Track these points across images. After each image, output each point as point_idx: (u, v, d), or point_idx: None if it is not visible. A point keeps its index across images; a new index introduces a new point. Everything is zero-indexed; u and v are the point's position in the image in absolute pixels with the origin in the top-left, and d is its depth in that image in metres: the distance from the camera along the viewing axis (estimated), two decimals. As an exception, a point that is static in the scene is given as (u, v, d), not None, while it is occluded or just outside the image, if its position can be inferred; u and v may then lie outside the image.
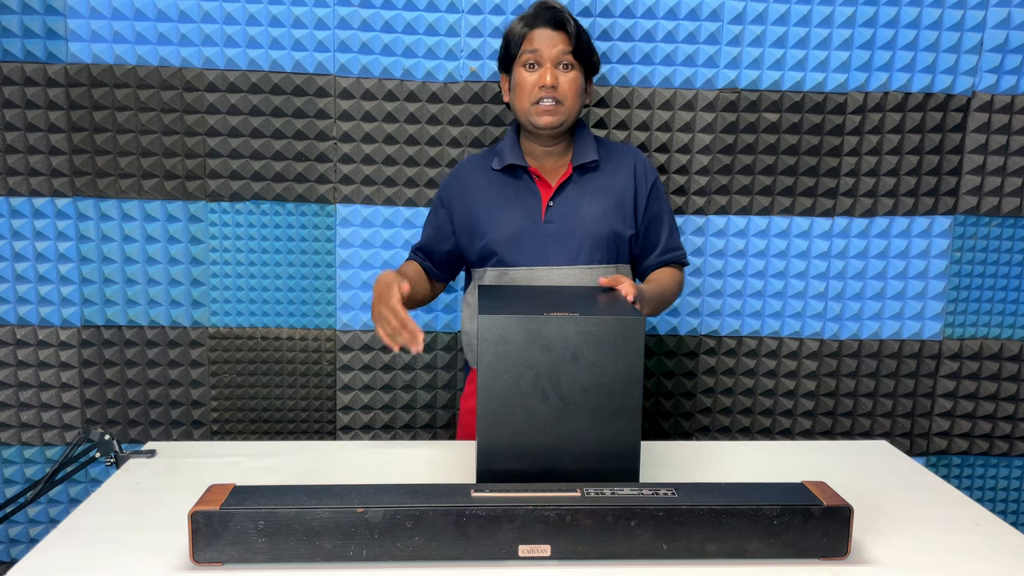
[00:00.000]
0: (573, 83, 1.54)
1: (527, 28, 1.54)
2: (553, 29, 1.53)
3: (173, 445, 1.42)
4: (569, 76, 1.54)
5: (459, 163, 1.72)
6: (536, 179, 1.61)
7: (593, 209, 1.58)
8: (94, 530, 1.08)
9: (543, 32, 1.53)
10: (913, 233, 2.10)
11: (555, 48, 1.52)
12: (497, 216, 1.59)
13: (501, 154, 1.62)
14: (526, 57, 1.54)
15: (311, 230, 2.05)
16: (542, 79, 1.52)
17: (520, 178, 1.62)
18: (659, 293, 1.57)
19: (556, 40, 1.52)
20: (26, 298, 2.01)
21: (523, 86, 1.55)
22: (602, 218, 1.58)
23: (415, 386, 2.14)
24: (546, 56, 1.53)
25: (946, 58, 2.01)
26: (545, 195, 1.59)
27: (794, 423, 2.19)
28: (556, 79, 1.52)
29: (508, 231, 1.57)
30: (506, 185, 1.61)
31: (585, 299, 1.27)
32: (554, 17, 1.53)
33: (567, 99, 1.54)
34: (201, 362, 2.09)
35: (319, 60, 1.96)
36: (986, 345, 2.17)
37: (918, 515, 1.17)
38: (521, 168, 1.61)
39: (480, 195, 1.62)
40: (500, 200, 1.60)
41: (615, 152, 1.65)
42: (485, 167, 1.65)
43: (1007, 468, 2.24)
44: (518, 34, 1.55)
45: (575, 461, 1.13)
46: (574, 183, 1.60)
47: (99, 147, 1.97)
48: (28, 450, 2.07)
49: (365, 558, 0.98)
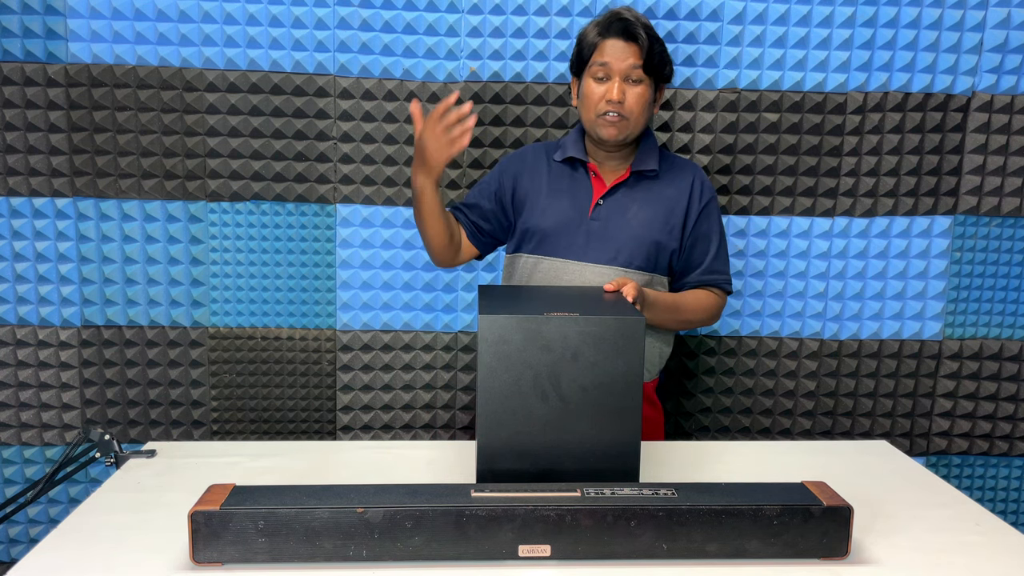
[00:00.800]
0: (640, 98, 1.52)
1: (599, 37, 1.52)
2: (625, 41, 1.50)
3: (173, 445, 1.42)
4: (637, 91, 1.52)
5: (524, 146, 1.74)
6: (592, 175, 1.61)
7: (640, 215, 1.58)
8: (94, 530, 1.08)
9: (614, 43, 1.51)
10: (913, 233, 2.10)
11: (625, 62, 1.50)
12: (546, 202, 1.60)
13: (564, 147, 1.63)
14: (595, 68, 1.52)
15: (311, 230, 2.05)
16: (609, 93, 1.51)
17: (577, 171, 1.62)
18: (670, 303, 1.54)
19: (627, 53, 1.50)
20: (26, 298, 2.01)
21: (590, 97, 1.54)
22: (648, 225, 1.58)
23: (415, 386, 2.14)
24: (615, 69, 1.51)
25: (946, 58, 2.01)
26: (598, 192, 1.59)
27: (794, 423, 2.19)
28: (623, 94, 1.51)
29: (553, 219, 1.58)
30: (562, 176, 1.62)
31: (585, 299, 1.27)
32: (626, 28, 1.50)
33: (633, 114, 1.53)
34: (201, 362, 2.09)
35: (319, 60, 1.96)
36: (986, 345, 2.16)
37: (918, 515, 1.17)
38: (580, 162, 1.62)
39: (536, 178, 1.63)
40: (553, 188, 1.61)
41: (676, 165, 1.65)
42: (547, 156, 1.66)
43: (1007, 468, 2.24)
44: (590, 42, 1.53)
45: (575, 461, 1.13)
46: (628, 187, 1.60)
47: (99, 147, 1.97)
48: (28, 450, 2.07)
49: (365, 558, 0.98)
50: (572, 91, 1.64)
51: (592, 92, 1.54)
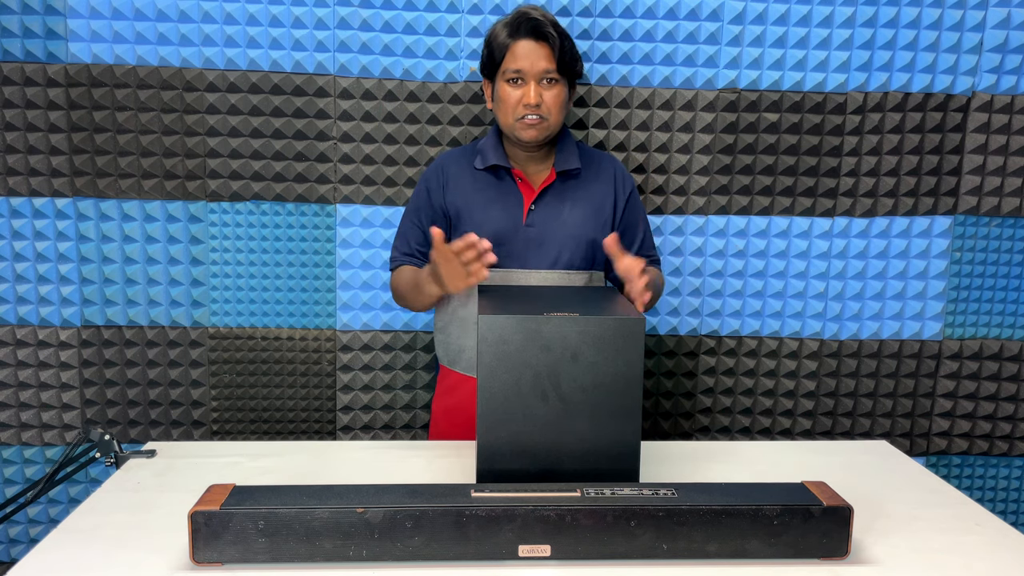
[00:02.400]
0: (557, 98, 1.53)
1: (509, 39, 1.52)
2: (536, 41, 1.51)
3: (173, 445, 1.42)
4: (553, 92, 1.53)
5: (439, 157, 1.70)
6: (519, 181, 1.61)
7: (574, 215, 1.60)
8: (94, 530, 1.08)
9: (526, 45, 1.51)
10: (913, 233, 2.10)
11: (539, 64, 1.50)
12: (479, 215, 1.59)
13: (484, 154, 1.61)
14: (509, 72, 1.52)
15: (311, 230, 2.05)
16: (526, 97, 1.51)
17: (503, 179, 1.62)
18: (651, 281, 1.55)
19: (539, 55, 1.50)
20: (26, 298, 2.01)
21: (507, 101, 1.54)
22: (583, 224, 1.60)
23: (415, 386, 2.14)
24: (530, 73, 1.51)
25: (946, 58, 2.01)
26: (527, 198, 1.60)
27: (794, 423, 2.19)
28: (540, 96, 1.51)
29: (490, 231, 1.56)
30: (489, 185, 1.61)
31: (585, 299, 1.27)
32: (536, 28, 1.50)
33: (551, 114, 1.54)
34: (201, 362, 2.09)
35: (319, 60, 1.96)
36: (986, 345, 2.16)
37: (918, 515, 1.17)
38: (504, 169, 1.61)
39: (463, 191, 1.61)
40: (483, 200, 1.60)
41: (595, 160, 1.67)
42: (467, 164, 1.64)
43: (1007, 468, 2.24)
44: (501, 44, 1.53)
45: (575, 461, 1.13)
46: (556, 188, 1.61)
47: (99, 147, 1.97)
48: (28, 450, 2.07)
49: (365, 558, 0.98)
50: (485, 93, 1.63)
51: (508, 96, 1.53)
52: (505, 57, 1.53)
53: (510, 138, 1.59)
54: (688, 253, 2.10)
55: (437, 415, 1.72)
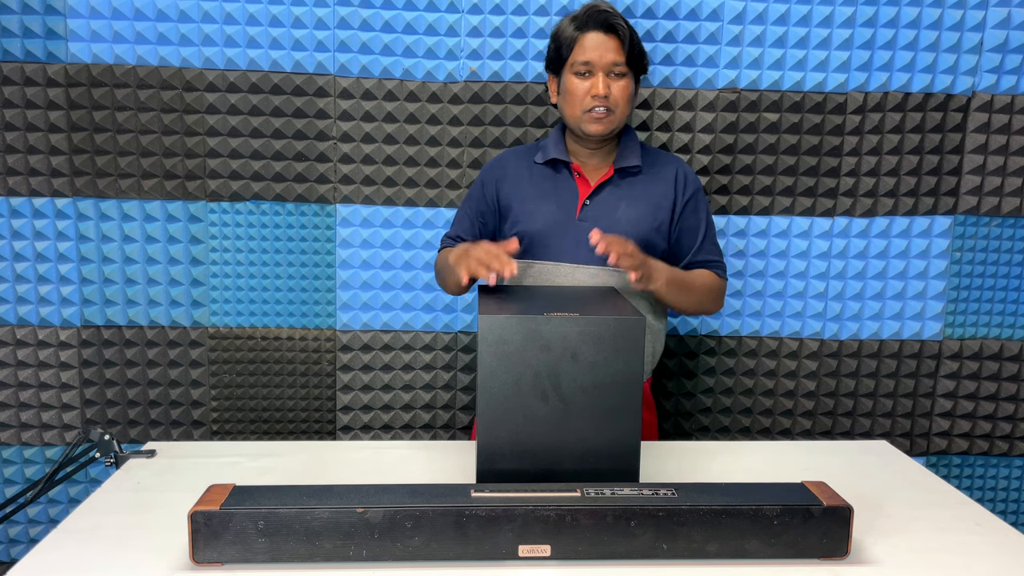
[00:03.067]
0: (624, 91, 1.52)
1: (578, 32, 1.51)
2: (605, 33, 1.49)
3: (173, 445, 1.42)
4: (621, 84, 1.51)
5: (501, 152, 1.71)
6: (576, 176, 1.59)
7: (629, 213, 1.57)
8: (94, 530, 1.08)
9: (595, 37, 1.50)
10: (913, 233, 2.10)
11: (607, 56, 1.49)
12: (532, 206, 1.58)
13: (545, 149, 1.61)
14: (577, 65, 1.51)
15: (311, 230, 2.05)
16: (595, 88, 1.49)
17: (560, 173, 1.61)
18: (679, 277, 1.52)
19: (608, 47, 1.49)
20: (26, 298, 2.01)
21: (575, 94, 1.52)
22: (637, 223, 1.56)
23: (415, 386, 2.14)
24: (598, 65, 1.50)
25: (946, 58, 2.01)
26: (583, 192, 1.58)
27: (794, 423, 2.19)
28: (608, 88, 1.50)
29: (541, 223, 1.56)
30: (545, 178, 1.61)
31: (585, 299, 1.27)
32: (606, 21, 1.49)
33: (619, 107, 1.52)
34: (201, 362, 2.09)
35: (319, 60, 1.96)
36: (986, 345, 2.16)
37: (918, 515, 1.17)
38: (563, 163, 1.60)
39: (519, 184, 1.61)
40: (537, 192, 1.59)
41: (659, 159, 1.63)
42: (527, 159, 1.64)
43: (1007, 468, 2.24)
44: (569, 37, 1.52)
45: (575, 461, 1.13)
46: (613, 184, 1.59)
47: (99, 147, 1.97)
48: (28, 450, 2.07)
49: (365, 558, 0.98)
50: (550, 89, 1.62)
51: (576, 88, 1.52)
52: (573, 49, 1.51)
53: (575, 132, 1.57)
54: (688, 253, 2.10)
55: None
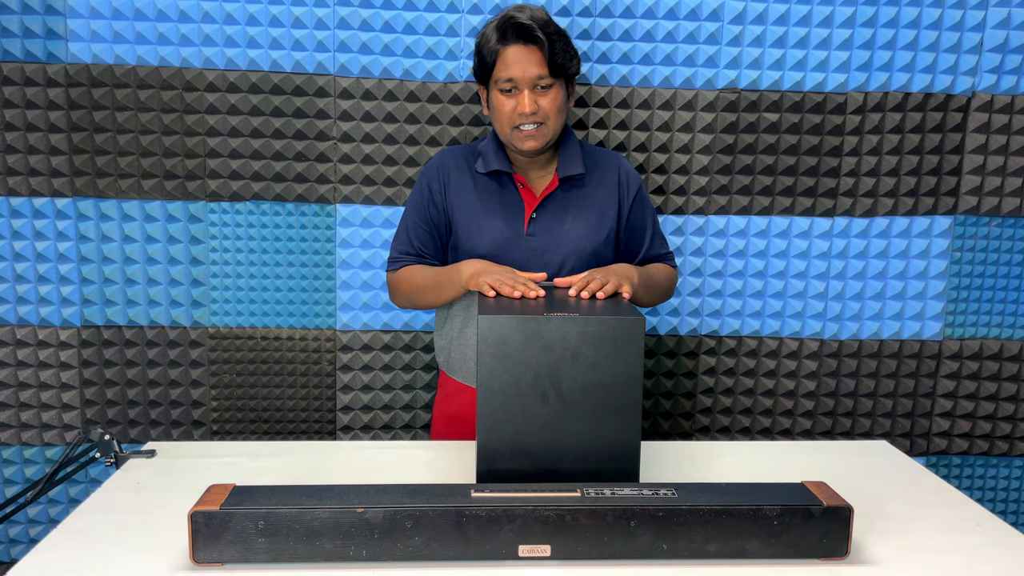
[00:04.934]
0: (554, 102, 1.47)
1: (499, 45, 1.45)
2: (525, 45, 1.44)
3: (173, 445, 1.42)
4: (549, 96, 1.47)
5: (439, 155, 1.63)
6: (520, 187, 1.56)
7: (578, 226, 1.55)
8: (94, 530, 1.08)
9: (516, 51, 1.44)
10: (913, 233, 2.10)
11: (530, 71, 1.44)
12: (480, 223, 1.55)
13: (485, 157, 1.57)
14: (502, 83, 1.46)
15: (311, 230, 2.05)
16: (520, 106, 1.45)
17: (504, 185, 1.57)
18: (644, 277, 1.54)
19: (530, 60, 1.44)
20: (26, 298, 2.01)
21: (501, 111, 1.48)
22: (586, 236, 1.55)
23: (415, 386, 2.14)
24: (522, 80, 1.45)
25: (946, 58, 2.01)
26: (529, 205, 1.55)
27: (794, 423, 2.19)
28: (535, 103, 1.45)
29: (490, 240, 1.53)
30: (490, 190, 1.57)
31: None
32: (523, 32, 1.43)
33: (549, 119, 1.48)
34: (201, 362, 2.09)
35: (319, 60, 1.96)
36: (986, 345, 2.16)
37: (918, 515, 1.17)
38: (506, 175, 1.57)
39: (464, 195, 1.57)
40: (484, 206, 1.56)
41: (600, 162, 1.61)
42: (468, 166, 1.59)
43: (1007, 468, 2.24)
44: (491, 50, 1.46)
45: (575, 461, 1.13)
46: (558, 196, 1.56)
47: (99, 147, 1.97)
48: (28, 450, 2.07)
49: (365, 558, 0.98)
50: (481, 98, 1.58)
51: (503, 106, 1.48)
52: (496, 64, 1.46)
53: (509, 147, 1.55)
54: (688, 253, 2.10)
55: (437, 420, 1.71)
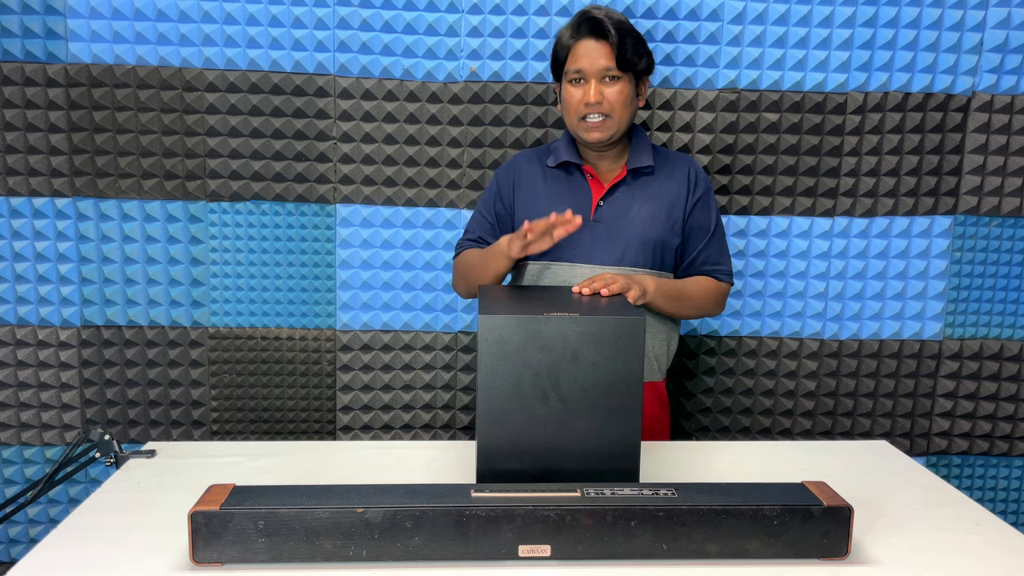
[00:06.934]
0: (620, 95, 1.52)
1: (571, 40, 1.53)
2: (596, 40, 1.50)
3: (173, 445, 1.42)
4: (615, 88, 1.51)
5: (513, 156, 1.71)
6: (589, 177, 1.60)
7: (643, 213, 1.58)
8: (94, 530, 1.08)
9: (586, 44, 1.51)
10: (913, 233, 2.10)
11: (598, 63, 1.50)
12: (547, 209, 1.56)
13: (556, 151, 1.62)
14: (571, 73, 1.52)
15: (311, 230, 2.05)
16: (587, 96, 1.51)
17: (573, 175, 1.61)
18: (670, 289, 1.53)
19: (599, 53, 1.50)
20: (26, 298, 2.01)
21: (569, 102, 1.54)
22: (651, 223, 1.57)
23: (415, 386, 2.14)
24: (590, 72, 1.50)
25: (946, 58, 2.01)
26: (596, 194, 1.59)
27: (794, 423, 2.19)
28: (601, 94, 1.50)
29: None
30: (558, 181, 1.61)
31: (585, 299, 1.27)
32: (595, 27, 1.50)
33: (615, 112, 1.52)
34: (201, 362, 2.09)
35: (319, 60, 1.96)
36: (986, 345, 2.16)
37: (918, 515, 1.17)
38: (575, 166, 1.61)
39: (532, 188, 1.62)
40: (551, 194, 1.60)
41: (670, 159, 1.64)
42: (540, 162, 1.65)
43: (1007, 468, 2.24)
44: (564, 45, 1.54)
45: (575, 461, 1.13)
46: (627, 185, 1.59)
47: (99, 147, 1.97)
48: (28, 450, 2.07)
49: (365, 558, 0.98)
50: (557, 94, 1.63)
51: (571, 96, 1.53)
52: (567, 58, 1.53)
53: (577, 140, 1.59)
54: (688, 253, 2.10)
55: None
